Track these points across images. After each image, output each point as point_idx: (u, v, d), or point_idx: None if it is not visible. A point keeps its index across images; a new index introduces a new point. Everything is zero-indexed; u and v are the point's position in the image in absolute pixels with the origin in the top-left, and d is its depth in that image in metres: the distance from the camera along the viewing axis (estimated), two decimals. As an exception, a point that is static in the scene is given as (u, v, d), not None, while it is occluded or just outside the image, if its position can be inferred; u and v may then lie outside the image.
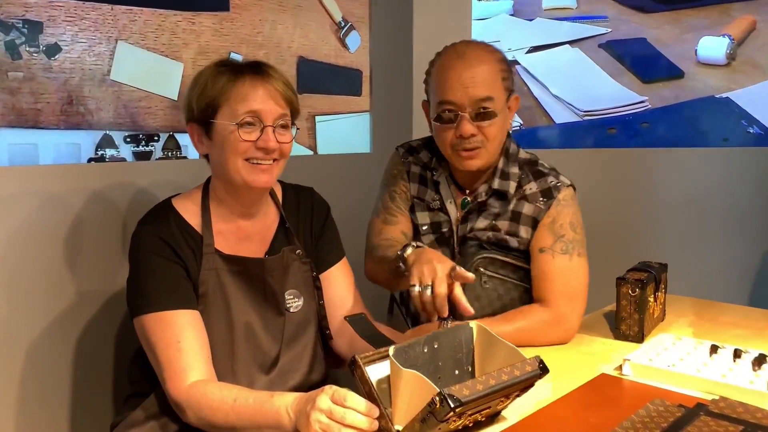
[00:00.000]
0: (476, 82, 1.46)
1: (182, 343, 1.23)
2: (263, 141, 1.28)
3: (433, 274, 1.24)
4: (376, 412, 1.04)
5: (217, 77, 1.29)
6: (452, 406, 0.94)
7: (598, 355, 1.45)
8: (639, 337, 1.51)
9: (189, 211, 1.34)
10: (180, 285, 1.28)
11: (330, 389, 1.06)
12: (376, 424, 1.05)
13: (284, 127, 1.32)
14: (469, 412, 1.01)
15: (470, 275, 1.25)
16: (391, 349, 1.05)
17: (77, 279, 1.62)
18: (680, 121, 2.61)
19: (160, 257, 1.28)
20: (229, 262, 1.32)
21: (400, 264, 1.37)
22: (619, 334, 1.54)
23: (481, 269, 1.50)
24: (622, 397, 1.23)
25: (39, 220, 1.56)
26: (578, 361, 1.41)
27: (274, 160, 1.31)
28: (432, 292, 1.23)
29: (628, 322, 1.52)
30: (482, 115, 1.47)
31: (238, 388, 1.20)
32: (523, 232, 1.52)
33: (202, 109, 1.30)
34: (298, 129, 1.38)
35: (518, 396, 1.10)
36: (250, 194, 1.35)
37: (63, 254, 1.60)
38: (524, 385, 1.06)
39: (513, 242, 1.52)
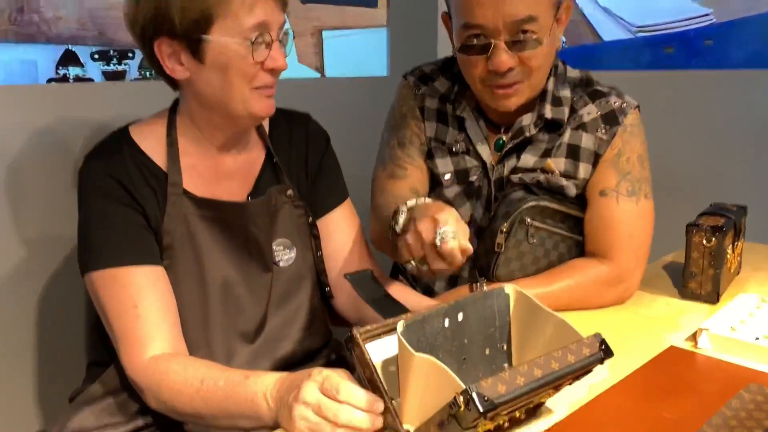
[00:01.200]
0: None
1: (140, 307, 0.98)
2: (273, 60, 1.00)
3: (427, 235, 0.95)
4: (380, 407, 0.79)
5: None
6: (482, 410, 0.67)
7: (662, 321, 1.17)
8: (713, 298, 1.23)
9: (151, 143, 1.07)
10: (137, 235, 1.02)
11: (319, 375, 0.81)
12: (379, 422, 0.79)
13: (285, 40, 1.04)
14: (505, 412, 0.74)
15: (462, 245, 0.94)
16: (400, 325, 0.78)
17: (37, 223, 1.38)
18: (751, 38, 2.23)
19: (111, 201, 1.01)
20: (202, 206, 1.05)
21: (393, 227, 1.07)
22: (686, 293, 1.25)
23: (528, 220, 1.19)
24: (701, 380, 0.96)
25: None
26: (639, 329, 1.13)
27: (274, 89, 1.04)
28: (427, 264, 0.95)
29: (699, 279, 1.23)
30: (523, 42, 1.12)
31: (208, 365, 0.95)
32: (582, 170, 1.21)
33: (190, 21, 0.97)
34: (294, 37, 1.08)
35: (569, 384, 0.82)
36: (244, 125, 1.07)
37: (19, 193, 1.35)
38: (579, 374, 0.79)
39: (570, 188, 1.21)
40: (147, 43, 1.02)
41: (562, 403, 0.88)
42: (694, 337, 1.07)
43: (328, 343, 1.22)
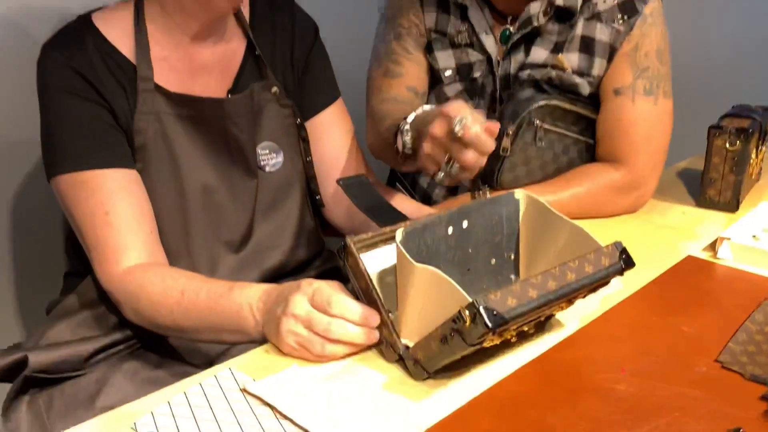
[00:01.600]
0: None
1: (112, 214, 0.89)
2: None
3: (442, 131, 0.84)
4: (376, 320, 0.72)
5: None
6: (490, 325, 0.60)
7: (678, 230, 1.09)
8: (733, 206, 1.14)
9: (116, 31, 0.94)
10: (105, 135, 0.91)
11: (309, 287, 0.73)
12: (374, 336, 0.72)
13: None
14: (514, 327, 0.67)
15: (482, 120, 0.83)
16: (399, 233, 0.69)
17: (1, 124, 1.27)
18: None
19: (74, 96, 0.90)
20: (176, 103, 0.94)
21: (402, 149, 0.98)
22: (704, 201, 1.17)
23: (537, 122, 1.08)
24: (721, 292, 0.89)
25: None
26: (653, 238, 1.05)
27: None
28: (455, 168, 0.84)
29: (718, 186, 1.15)
30: None
31: (188, 276, 0.87)
32: (597, 66, 1.09)
33: None
34: None
35: (583, 297, 0.75)
36: (217, 9, 0.94)
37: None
38: (596, 286, 0.71)
39: (584, 86, 1.10)
40: None
41: (574, 315, 0.81)
42: (712, 247, 1.00)
43: (320, 253, 1.14)
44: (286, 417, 0.63)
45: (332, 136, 1.10)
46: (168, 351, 0.98)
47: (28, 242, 1.34)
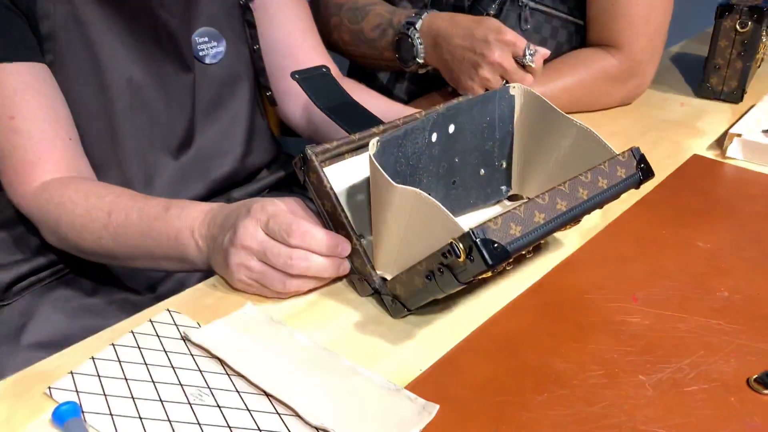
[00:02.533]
0: None
1: (19, 118, 0.73)
2: None
3: (510, 62, 0.83)
4: (347, 249, 0.59)
5: None
6: (491, 262, 0.48)
7: (679, 125, 0.97)
8: (737, 96, 1.03)
9: None
10: (2, 20, 0.73)
11: (262, 211, 0.59)
12: (345, 267, 0.60)
13: None
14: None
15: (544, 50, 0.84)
16: (373, 144, 0.55)
17: None
18: None
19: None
20: (89, -22, 0.76)
21: (416, 64, 0.92)
22: (705, 90, 1.05)
23: (522, 0, 0.93)
24: (737, 198, 0.78)
25: None
26: (652, 134, 0.94)
27: None
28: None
29: (723, 73, 1.02)
30: None
31: (117, 193, 0.72)
32: None
33: None
34: None
35: (588, 214, 0.64)
36: None
37: None
38: (610, 201, 0.59)
39: None
40: None
41: (573, 231, 0.70)
42: (719, 144, 0.89)
43: (276, 159, 1.00)
44: (238, 373, 0.51)
45: (284, 19, 0.92)
46: (104, 276, 0.85)
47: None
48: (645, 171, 0.60)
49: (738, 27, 0.98)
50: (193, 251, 0.65)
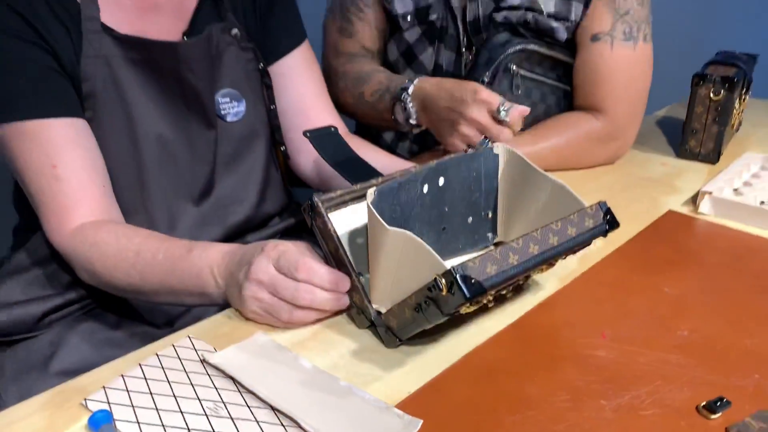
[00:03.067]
0: None
1: (60, 167, 0.82)
2: None
3: (486, 118, 0.89)
4: (346, 285, 0.67)
5: None
6: (468, 295, 0.56)
7: (658, 183, 1.06)
8: (714, 157, 1.11)
9: (57, -37, 0.85)
10: (48, 81, 0.83)
11: (274, 250, 0.68)
12: (344, 301, 0.68)
13: None
14: (491, 293, 0.63)
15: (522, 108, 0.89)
16: (371, 192, 0.64)
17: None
18: None
19: (12, 38, 0.81)
20: (126, 45, 0.86)
21: (405, 120, 1.01)
22: (684, 152, 1.14)
23: (514, 68, 1.03)
24: (705, 250, 0.86)
25: None
26: (632, 191, 1.02)
27: None
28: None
29: (700, 136, 1.11)
30: None
31: (144, 234, 0.81)
32: (573, 11, 1.03)
33: None
34: None
35: (563, 259, 0.72)
36: None
37: None
38: (579, 248, 0.67)
39: (561, 31, 1.04)
40: None
41: (552, 275, 0.78)
42: (693, 201, 0.97)
43: (287, 207, 1.09)
44: (249, 391, 0.59)
45: (298, 82, 1.03)
46: (126, 310, 0.93)
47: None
48: (611, 222, 0.68)
49: (712, 95, 1.07)
50: (212, 287, 0.73)
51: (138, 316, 0.93)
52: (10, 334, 0.88)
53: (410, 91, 0.98)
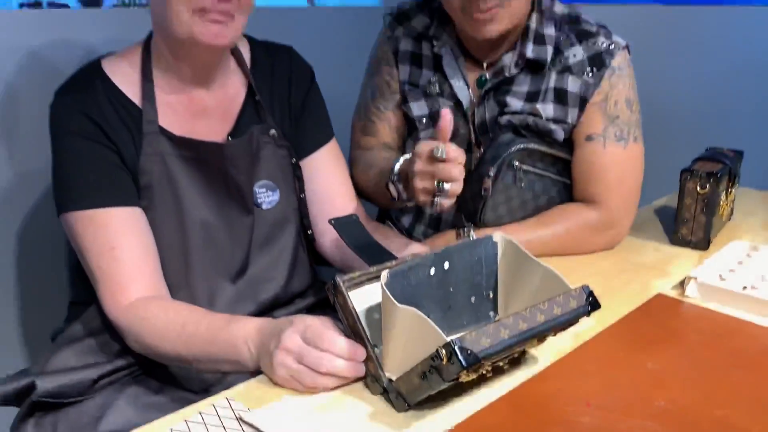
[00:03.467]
0: None
1: (118, 250, 0.95)
2: None
3: (425, 166, 0.97)
4: (362, 355, 0.78)
5: None
6: (464, 364, 0.66)
7: (651, 268, 1.15)
8: (704, 244, 1.21)
9: (124, 77, 1.01)
10: (112, 175, 0.98)
11: (301, 323, 0.79)
12: (361, 369, 0.78)
13: None
14: (488, 364, 0.73)
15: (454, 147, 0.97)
16: (384, 274, 0.75)
17: (13, 157, 1.33)
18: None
19: (85, 139, 0.97)
20: (179, 145, 1.01)
21: (397, 195, 1.10)
22: (677, 240, 1.24)
23: (517, 163, 1.16)
24: (687, 329, 0.95)
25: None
26: (626, 276, 1.12)
27: (229, 15, 0.95)
28: (444, 191, 0.94)
29: (690, 226, 1.22)
30: None
31: (189, 308, 0.93)
32: (570, 115, 1.17)
33: None
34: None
35: (554, 335, 0.81)
36: (200, 55, 1.00)
37: (-7, 126, 1.30)
38: (565, 327, 0.77)
39: (558, 132, 1.17)
40: None
41: (547, 351, 0.87)
42: (682, 285, 1.06)
43: (312, 285, 1.20)
44: (278, 445, 0.68)
45: (325, 174, 1.16)
46: (167, 377, 1.04)
47: (32, 272, 1.40)
48: (593, 303, 0.78)
49: (698, 188, 1.19)
50: (246, 356, 0.84)
51: (177, 382, 1.03)
52: (64, 396, 0.99)
53: (396, 169, 1.08)
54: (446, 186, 0.95)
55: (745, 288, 1.02)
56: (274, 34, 1.18)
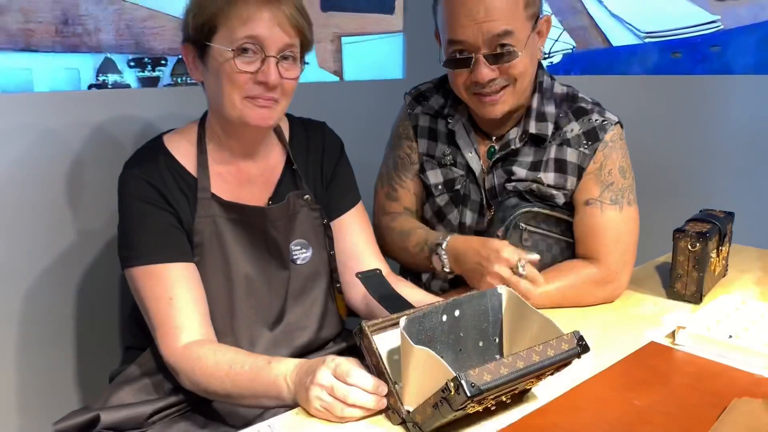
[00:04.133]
0: (491, 14, 1.19)
1: (175, 299, 1.11)
2: (263, 74, 1.10)
3: (509, 274, 1.19)
4: (384, 390, 0.91)
5: None
6: (469, 394, 0.79)
7: (647, 319, 1.27)
8: (697, 298, 1.33)
9: (182, 151, 1.19)
10: (171, 235, 1.14)
11: (332, 362, 0.93)
12: (383, 402, 0.91)
13: (290, 59, 1.13)
14: (491, 397, 0.86)
15: (535, 256, 1.21)
16: (403, 320, 0.89)
17: (78, 218, 1.51)
18: (757, 45, 2.30)
19: (149, 204, 1.13)
20: (227, 209, 1.17)
21: (444, 273, 1.32)
22: (673, 294, 1.36)
23: (522, 225, 1.31)
24: (674, 373, 1.06)
25: (36, 154, 1.44)
26: (624, 325, 1.24)
27: (274, 100, 1.12)
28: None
29: (684, 281, 1.34)
30: (501, 55, 1.23)
31: (235, 351, 1.07)
32: (569, 182, 1.32)
33: (197, 28, 1.12)
34: (307, 64, 1.19)
35: (551, 375, 0.94)
36: (248, 133, 1.18)
37: (63, 192, 1.49)
38: (558, 366, 0.90)
39: (559, 197, 1.32)
40: (181, 47, 1.16)
41: (548, 389, 0.99)
42: (674, 335, 1.18)
43: (340, 333, 1.34)
44: (312, 463, 0.81)
45: (352, 233, 1.31)
46: (212, 414, 1.18)
47: (90, 320, 1.56)
48: (583, 347, 0.90)
49: (690, 247, 1.31)
50: (285, 391, 0.97)
51: (221, 418, 1.17)
52: (123, 429, 1.13)
53: (444, 246, 1.27)
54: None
55: (730, 337, 1.13)
56: (309, 105, 1.36)
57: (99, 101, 1.53)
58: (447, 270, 1.28)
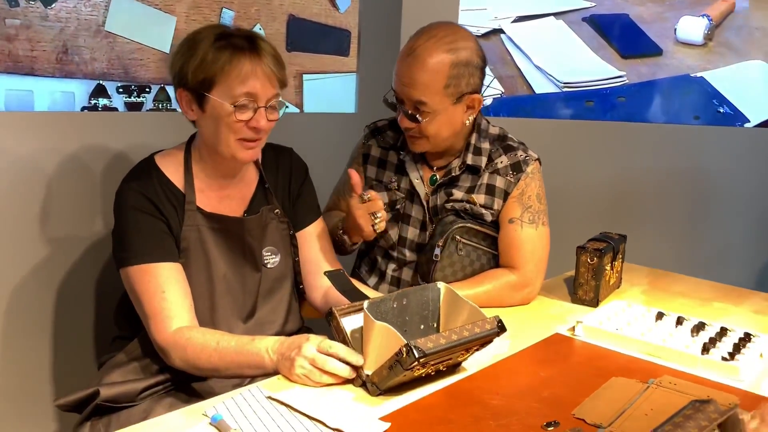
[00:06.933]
0: (414, 83, 1.49)
1: (166, 293, 1.30)
2: (255, 121, 1.33)
3: (357, 206, 1.49)
4: (361, 361, 1.14)
5: (218, 53, 1.31)
6: (417, 356, 1.04)
7: (554, 317, 1.56)
8: (594, 302, 1.63)
9: (172, 169, 1.40)
10: (162, 240, 1.34)
11: (316, 339, 1.16)
12: (353, 372, 1.15)
13: (274, 107, 1.37)
14: (432, 362, 1.12)
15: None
16: (366, 303, 1.15)
17: (64, 224, 1.69)
18: (655, 98, 2.70)
19: (144, 213, 1.34)
20: (210, 219, 1.40)
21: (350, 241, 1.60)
22: (576, 299, 1.66)
23: (458, 237, 1.59)
24: (572, 355, 1.35)
25: (33, 166, 1.63)
26: (536, 322, 1.53)
27: (260, 139, 1.37)
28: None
29: (584, 288, 1.64)
30: (414, 115, 1.52)
31: (220, 333, 1.29)
32: (496, 204, 1.61)
33: (198, 81, 1.32)
34: (286, 107, 1.44)
35: (477, 350, 1.21)
36: (234, 164, 1.42)
37: (53, 199, 1.67)
38: (483, 341, 1.17)
39: (487, 215, 1.61)
40: (174, 89, 1.38)
41: (474, 364, 1.26)
42: (573, 328, 1.47)
43: (301, 328, 1.57)
44: (299, 411, 1.05)
45: (314, 243, 1.55)
46: (192, 391, 1.38)
47: (82, 314, 1.74)
48: (501, 327, 1.18)
49: (589, 260, 1.62)
50: (267, 361, 1.20)
51: (199, 396, 1.37)
52: (119, 402, 1.33)
53: (340, 225, 1.57)
54: (378, 214, 1.37)
55: (617, 329, 1.43)
56: (274, 132, 1.54)
57: (90, 122, 1.73)
58: (348, 242, 1.59)
